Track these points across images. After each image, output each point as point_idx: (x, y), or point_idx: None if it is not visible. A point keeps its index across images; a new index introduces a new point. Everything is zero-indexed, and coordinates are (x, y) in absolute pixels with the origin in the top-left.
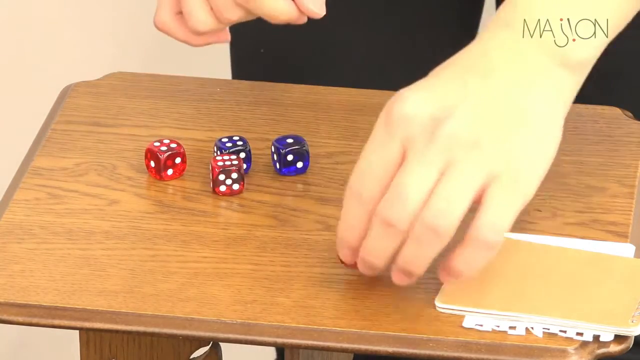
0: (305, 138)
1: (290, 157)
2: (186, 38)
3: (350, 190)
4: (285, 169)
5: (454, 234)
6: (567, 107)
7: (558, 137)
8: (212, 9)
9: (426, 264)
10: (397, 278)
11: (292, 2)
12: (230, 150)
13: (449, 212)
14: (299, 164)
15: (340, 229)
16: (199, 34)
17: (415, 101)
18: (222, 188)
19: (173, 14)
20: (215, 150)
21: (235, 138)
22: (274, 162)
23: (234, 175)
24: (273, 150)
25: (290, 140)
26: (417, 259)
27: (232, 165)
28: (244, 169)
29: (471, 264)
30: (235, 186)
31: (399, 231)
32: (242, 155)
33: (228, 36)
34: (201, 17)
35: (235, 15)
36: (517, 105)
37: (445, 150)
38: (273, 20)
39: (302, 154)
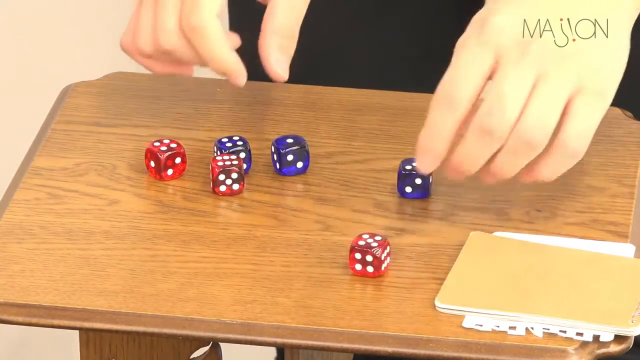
0: (305, 138)
1: (290, 157)
2: (145, 62)
3: (440, 97)
4: (285, 169)
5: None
6: (633, 19)
7: (627, 47)
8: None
9: (516, 170)
10: (486, 179)
11: (239, 58)
12: (230, 150)
13: (543, 125)
14: (299, 164)
15: (424, 137)
16: (144, 55)
17: (511, 12)
18: (222, 188)
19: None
20: (215, 150)
21: (235, 138)
22: (274, 162)
23: (234, 175)
24: (273, 150)
25: (290, 140)
26: (510, 166)
27: (232, 165)
28: (244, 169)
29: (555, 170)
30: (235, 186)
31: (497, 139)
32: (242, 155)
33: (191, 71)
34: (146, 39)
35: (174, 45)
36: (597, 17)
37: (538, 62)
38: (212, 66)
39: (302, 154)
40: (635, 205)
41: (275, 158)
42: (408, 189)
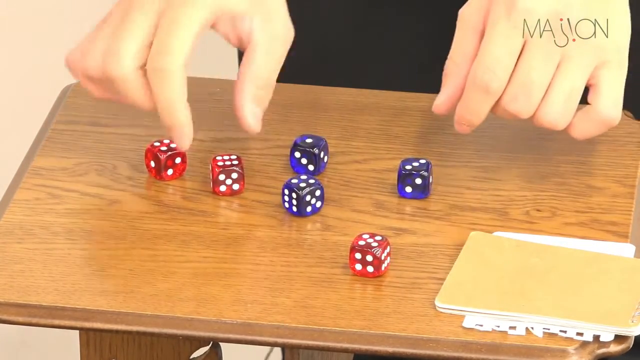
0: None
1: (308, 198)
2: (86, 83)
3: (475, 82)
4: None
5: None
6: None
7: (629, 18)
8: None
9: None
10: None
11: (189, 115)
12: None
13: (566, 112)
14: (317, 204)
15: (463, 111)
16: (88, 77)
17: None
18: (222, 188)
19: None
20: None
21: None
22: (289, 204)
23: (234, 175)
24: (287, 193)
25: (303, 178)
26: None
27: (232, 165)
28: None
29: (589, 133)
30: (236, 186)
31: (522, 119)
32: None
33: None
34: (96, 60)
35: (124, 76)
36: None
37: (564, 41)
38: (162, 116)
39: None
40: (635, 205)
41: (293, 202)
42: (408, 189)
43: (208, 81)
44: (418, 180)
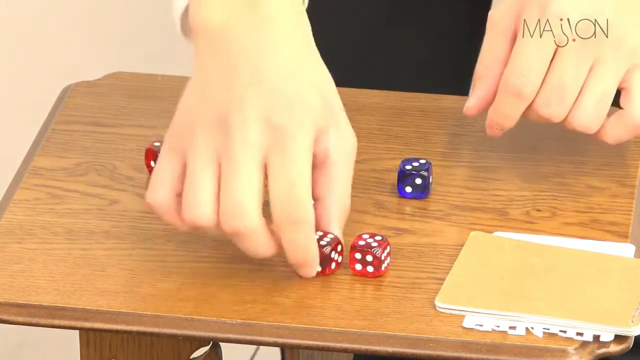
0: None
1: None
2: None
3: (508, 88)
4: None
5: None
6: None
7: None
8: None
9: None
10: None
11: (274, 243)
12: None
13: (597, 116)
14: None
15: (495, 116)
16: (196, 228)
17: (567, 1)
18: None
19: (173, 195)
20: None
21: None
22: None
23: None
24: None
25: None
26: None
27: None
28: None
29: (621, 138)
30: None
31: (554, 122)
32: None
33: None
34: (205, 211)
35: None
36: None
37: (597, 46)
38: (299, 261)
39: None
40: (635, 205)
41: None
42: (408, 189)
43: None
44: (418, 180)
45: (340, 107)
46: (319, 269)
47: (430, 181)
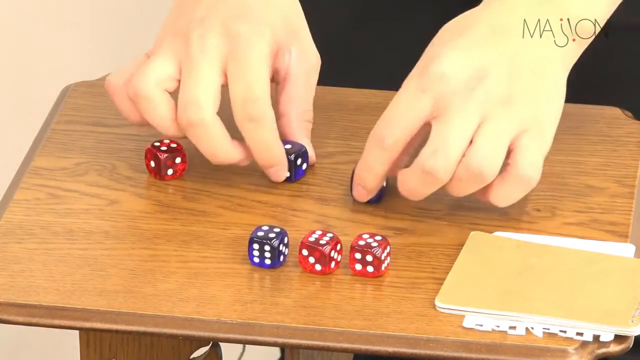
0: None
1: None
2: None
3: (373, 136)
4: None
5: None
6: (568, 70)
7: (563, 95)
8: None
9: (465, 194)
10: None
11: (237, 146)
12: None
13: (493, 157)
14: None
15: (359, 169)
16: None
17: (452, 61)
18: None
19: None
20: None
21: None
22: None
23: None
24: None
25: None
26: (460, 193)
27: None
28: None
29: (510, 198)
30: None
31: (439, 180)
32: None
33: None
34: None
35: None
36: (534, 68)
37: (482, 106)
38: (264, 160)
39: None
40: (635, 205)
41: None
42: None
43: None
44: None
45: (306, 30)
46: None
47: (385, 185)
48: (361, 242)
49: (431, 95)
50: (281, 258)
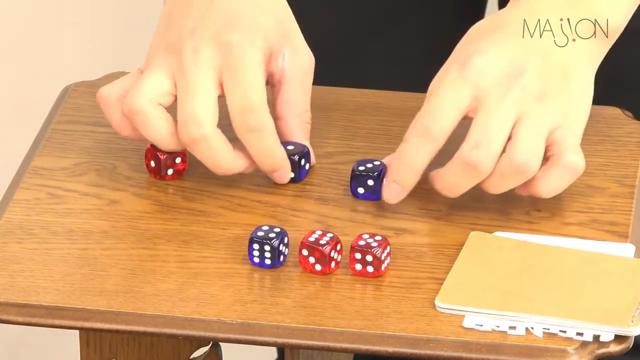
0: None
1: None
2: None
3: (417, 127)
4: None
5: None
6: (596, 67)
7: (592, 92)
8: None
9: (506, 189)
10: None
11: (240, 155)
12: None
13: (535, 150)
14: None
15: (397, 165)
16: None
17: (490, 55)
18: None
19: (119, 94)
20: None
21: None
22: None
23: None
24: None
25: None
26: (500, 189)
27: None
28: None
29: (557, 187)
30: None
31: (482, 172)
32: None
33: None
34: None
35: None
36: (564, 65)
37: (519, 102)
38: (267, 167)
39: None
40: (635, 205)
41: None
42: (360, 190)
43: None
44: (370, 182)
45: (297, 31)
46: (292, 175)
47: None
48: (361, 242)
49: (472, 87)
50: (281, 258)
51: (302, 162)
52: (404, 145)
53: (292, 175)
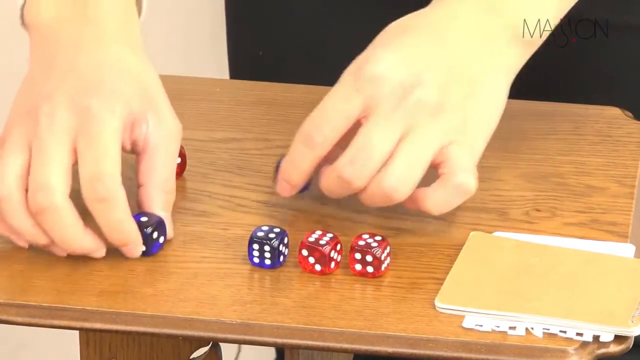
0: None
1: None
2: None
3: (302, 133)
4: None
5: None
6: (512, 77)
7: (503, 104)
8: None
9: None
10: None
11: (91, 234)
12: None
13: (407, 179)
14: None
15: (286, 164)
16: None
17: (387, 64)
18: None
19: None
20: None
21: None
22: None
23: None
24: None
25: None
26: (371, 205)
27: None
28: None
29: (445, 206)
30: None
31: (355, 188)
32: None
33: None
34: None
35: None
36: (472, 76)
37: (410, 115)
38: (116, 239)
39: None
40: (635, 205)
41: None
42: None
43: (208, 81)
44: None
45: (163, 97)
46: (144, 248)
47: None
48: (361, 242)
49: (363, 96)
50: (281, 258)
51: (155, 234)
52: (292, 147)
53: (144, 248)
